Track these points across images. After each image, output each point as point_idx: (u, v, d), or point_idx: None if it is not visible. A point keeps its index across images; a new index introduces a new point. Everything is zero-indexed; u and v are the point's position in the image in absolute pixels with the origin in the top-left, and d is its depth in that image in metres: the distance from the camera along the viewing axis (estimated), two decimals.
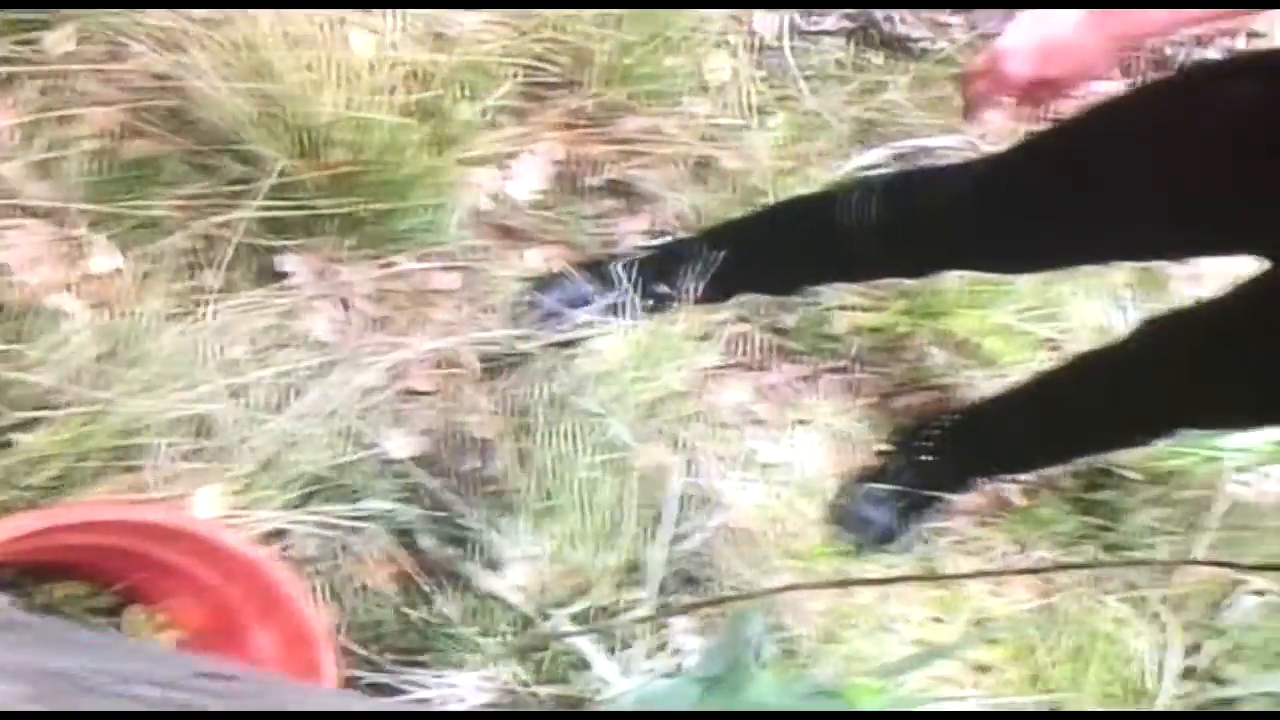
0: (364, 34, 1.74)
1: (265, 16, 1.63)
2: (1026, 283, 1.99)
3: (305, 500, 1.54)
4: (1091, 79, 1.27)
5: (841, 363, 1.90)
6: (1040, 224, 1.41)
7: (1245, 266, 1.38)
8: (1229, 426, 1.83)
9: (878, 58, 2.07)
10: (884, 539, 1.83)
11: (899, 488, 1.84)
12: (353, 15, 1.71)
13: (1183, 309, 1.58)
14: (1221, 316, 1.44)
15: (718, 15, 1.97)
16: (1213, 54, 2.17)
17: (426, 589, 1.56)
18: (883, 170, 1.94)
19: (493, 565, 1.60)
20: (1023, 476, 1.92)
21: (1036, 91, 1.27)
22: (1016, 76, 1.25)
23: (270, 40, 1.63)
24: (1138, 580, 1.91)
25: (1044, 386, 1.74)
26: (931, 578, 1.80)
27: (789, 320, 1.89)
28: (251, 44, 1.63)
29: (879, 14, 2.05)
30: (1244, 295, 1.40)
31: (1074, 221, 1.37)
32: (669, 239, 1.85)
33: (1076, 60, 1.23)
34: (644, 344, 1.76)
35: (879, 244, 1.60)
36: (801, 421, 1.87)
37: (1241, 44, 2.27)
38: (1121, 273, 2.06)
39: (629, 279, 1.76)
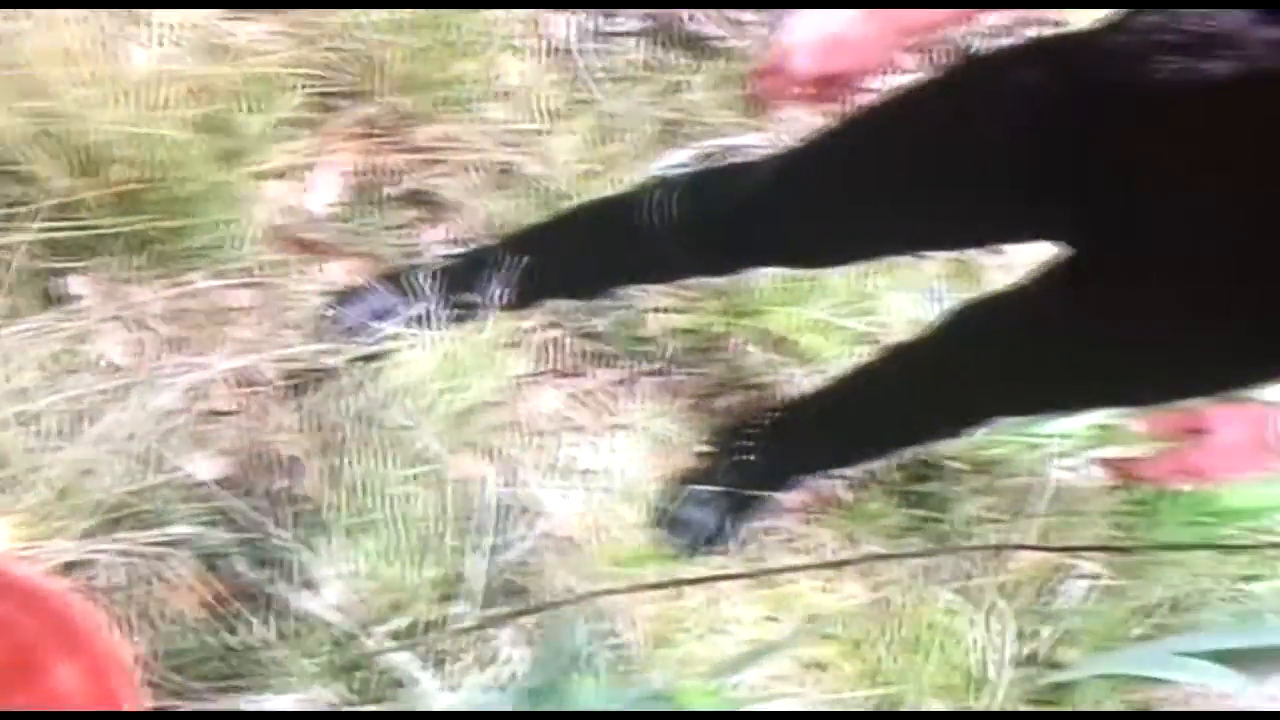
0: (142, 48, 1.95)
1: (37, 32, 1.83)
2: (840, 278, 2.28)
3: (109, 528, 1.72)
4: (878, 72, 1.43)
5: (657, 365, 2.16)
6: (838, 216, 1.61)
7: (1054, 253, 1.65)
8: (1042, 413, 2.09)
9: (676, 57, 2.37)
10: (710, 541, 2.09)
11: (723, 489, 2.09)
12: (131, 27, 1.92)
13: (986, 297, 1.79)
14: (1023, 303, 1.64)
15: (508, 18, 2.23)
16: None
17: (239, 612, 1.75)
18: (687, 169, 2.22)
19: (307, 585, 1.80)
20: (847, 471, 2.21)
21: (824, 88, 1.44)
22: (802, 73, 1.38)
23: (42, 57, 1.83)
24: (969, 570, 2.21)
25: (859, 381, 1.98)
26: (754, 574, 2.06)
27: (600, 324, 2.14)
28: (22, 61, 1.83)
29: (676, 13, 2.35)
30: (1043, 281, 1.60)
31: (871, 213, 1.57)
32: (472, 247, 2.09)
33: (861, 54, 1.38)
34: (451, 354, 1.99)
35: (681, 244, 1.80)
36: (620, 426, 2.12)
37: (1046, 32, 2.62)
38: (934, 264, 2.38)
39: (433, 289, 2.00)
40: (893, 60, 1.42)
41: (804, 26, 1.38)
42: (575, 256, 1.99)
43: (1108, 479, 2.27)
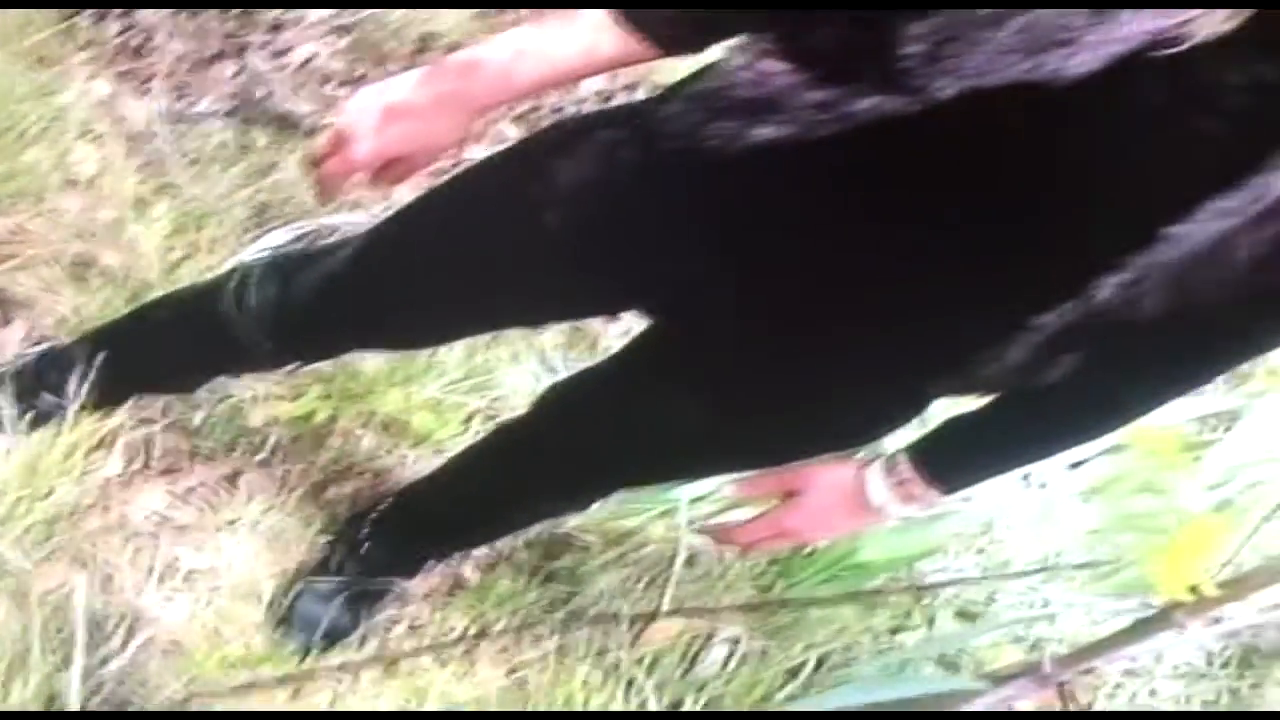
0: None
1: None
2: (453, 353, 2.43)
3: None
4: (448, 150, 1.48)
5: (263, 456, 2.25)
6: (419, 296, 1.66)
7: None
8: (657, 481, 2.20)
9: (264, 137, 2.49)
10: (333, 635, 2.16)
11: (344, 580, 2.18)
12: None
13: (582, 371, 1.92)
14: (613, 376, 1.78)
15: (79, 103, 2.31)
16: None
17: None
18: (273, 254, 2.32)
19: None
20: (474, 552, 2.33)
21: (390, 169, 1.46)
22: (362, 157, 1.42)
23: None
24: (606, 644, 2.35)
25: (473, 461, 2.08)
26: (355, 666, 2.14)
27: (198, 418, 2.22)
28: None
29: (261, 92, 2.47)
30: (632, 353, 1.75)
31: (453, 290, 1.63)
32: (49, 345, 2.14)
33: (426, 134, 1.42)
34: (30, 460, 2.03)
35: (265, 332, 1.82)
36: (228, 523, 2.19)
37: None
38: (550, 334, 2.56)
39: (7, 393, 2.04)
40: (465, 137, 1.47)
41: (360, 106, 1.41)
42: (159, 350, 2.03)
43: (712, 546, 2.43)
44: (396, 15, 2.62)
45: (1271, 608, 2.62)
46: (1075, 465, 2.76)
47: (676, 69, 1.46)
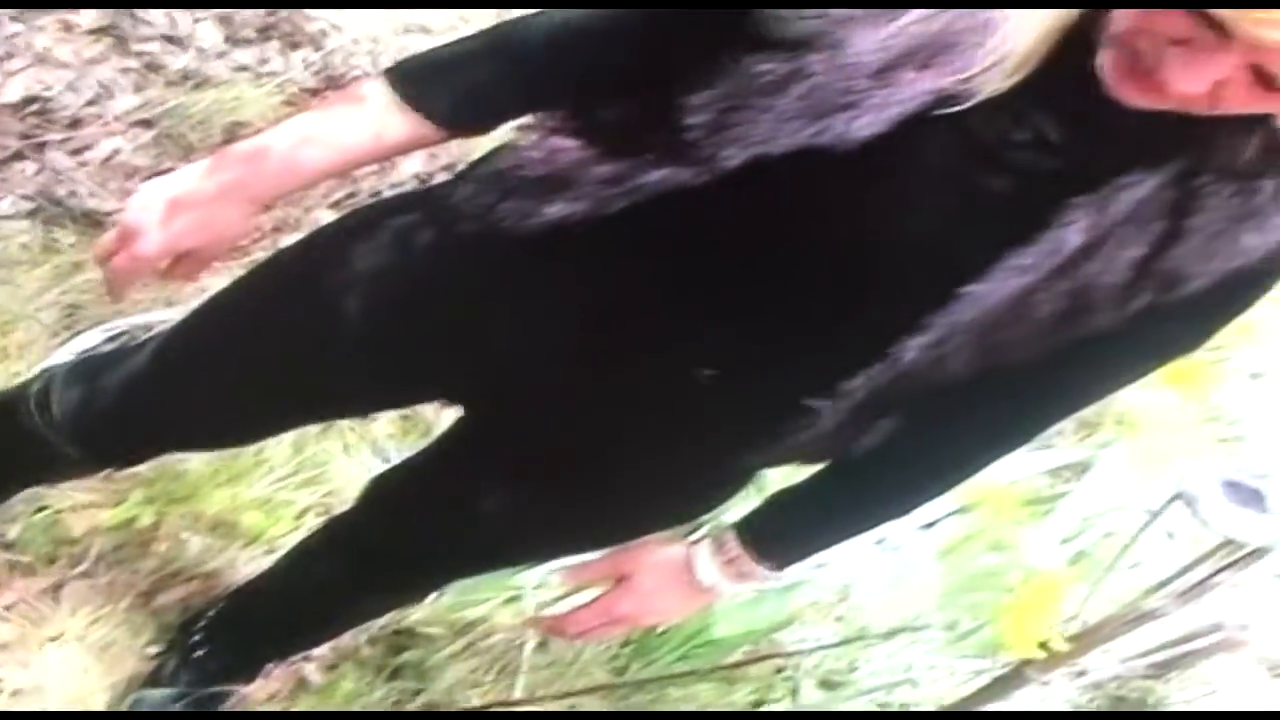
0: None
1: None
2: (281, 448, 2.48)
3: None
4: (237, 240, 1.50)
5: (86, 567, 2.26)
6: (226, 391, 1.67)
7: None
8: (481, 571, 2.21)
9: (70, 236, 2.53)
10: None
11: (179, 690, 2.20)
12: None
13: (404, 461, 1.95)
14: (432, 466, 1.81)
15: None
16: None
17: None
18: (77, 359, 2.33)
19: None
20: (316, 652, 2.36)
21: (180, 264, 1.48)
22: (151, 252, 1.44)
23: None
24: None
25: (303, 557, 2.11)
26: None
27: (13, 531, 2.23)
28: None
29: (63, 190, 2.51)
30: (446, 442, 1.80)
31: (258, 384, 1.65)
32: None
33: (213, 225, 1.44)
34: None
35: (69, 437, 1.83)
36: (53, 638, 2.20)
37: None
38: (383, 423, 2.61)
39: None
40: (252, 228, 1.53)
41: (143, 202, 1.43)
42: None
43: (541, 635, 2.48)
44: (200, 106, 2.68)
45: (1133, 658, 2.76)
46: (928, 526, 2.86)
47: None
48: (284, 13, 2.82)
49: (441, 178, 2.76)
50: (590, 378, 1.47)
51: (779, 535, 1.62)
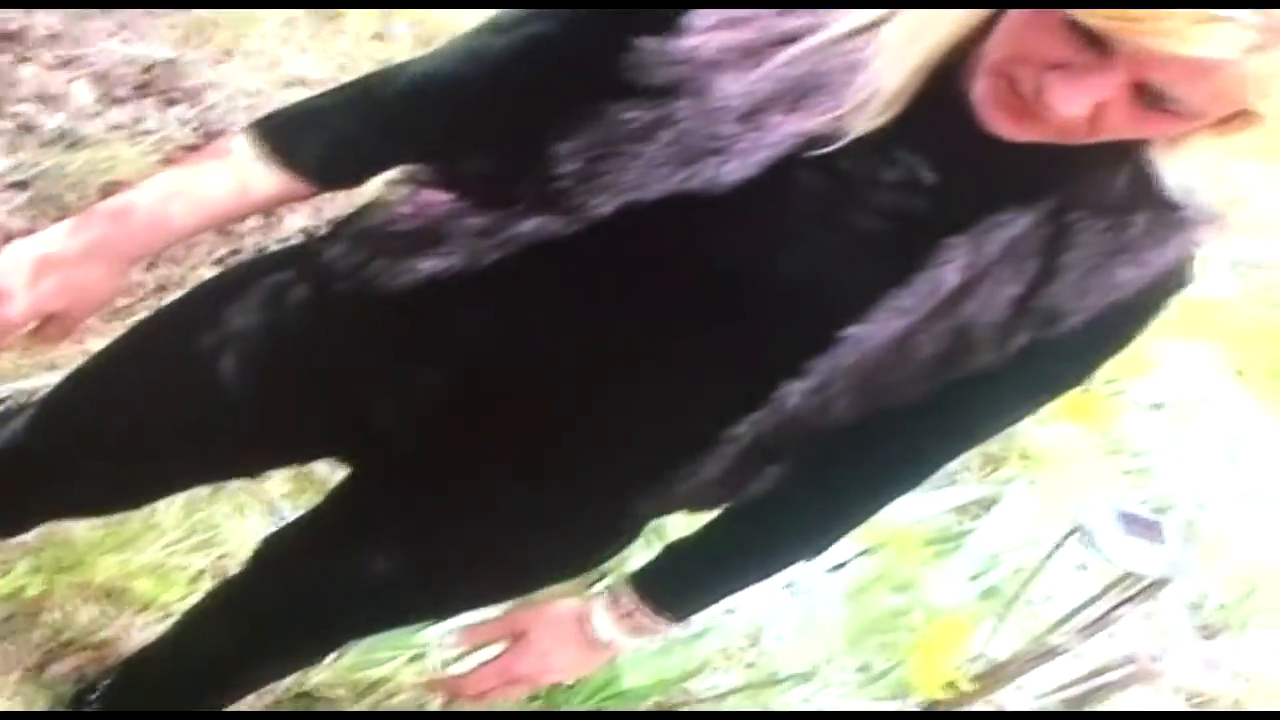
0: None
1: None
2: (169, 513, 2.44)
3: None
4: (107, 300, 1.48)
5: None
6: (104, 456, 1.64)
7: None
8: (375, 632, 2.10)
9: None
10: None
11: None
12: None
13: (293, 521, 1.90)
14: (319, 526, 1.78)
15: None
16: None
17: None
18: None
19: None
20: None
21: (49, 325, 1.45)
22: (18, 315, 1.41)
23: None
24: None
25: (196, 621, 2.06)
26: None
27: None
28: None
29: None
30: (332, 501, 1.77)
31: (136, 448, 1.61)
32: None
33: (80, 286, 1.43)
34: None
35: None
36: None
37: None
38: (275, 482, 2.58)
39: None
40: (123, 289, 1.51)
41: (9, 261, 1.41)
42: None
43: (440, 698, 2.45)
44: (76, 166, 2.65)
45: (1048, 693, 2.77)
46: (836, 568, 2.87)
47: None
48: (159, 69, 2.80)
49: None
50: (471, 432, 1.46)
51: (674, 586, 1.61)
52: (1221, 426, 4.24)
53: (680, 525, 1.64)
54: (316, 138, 1.43)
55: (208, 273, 2.64)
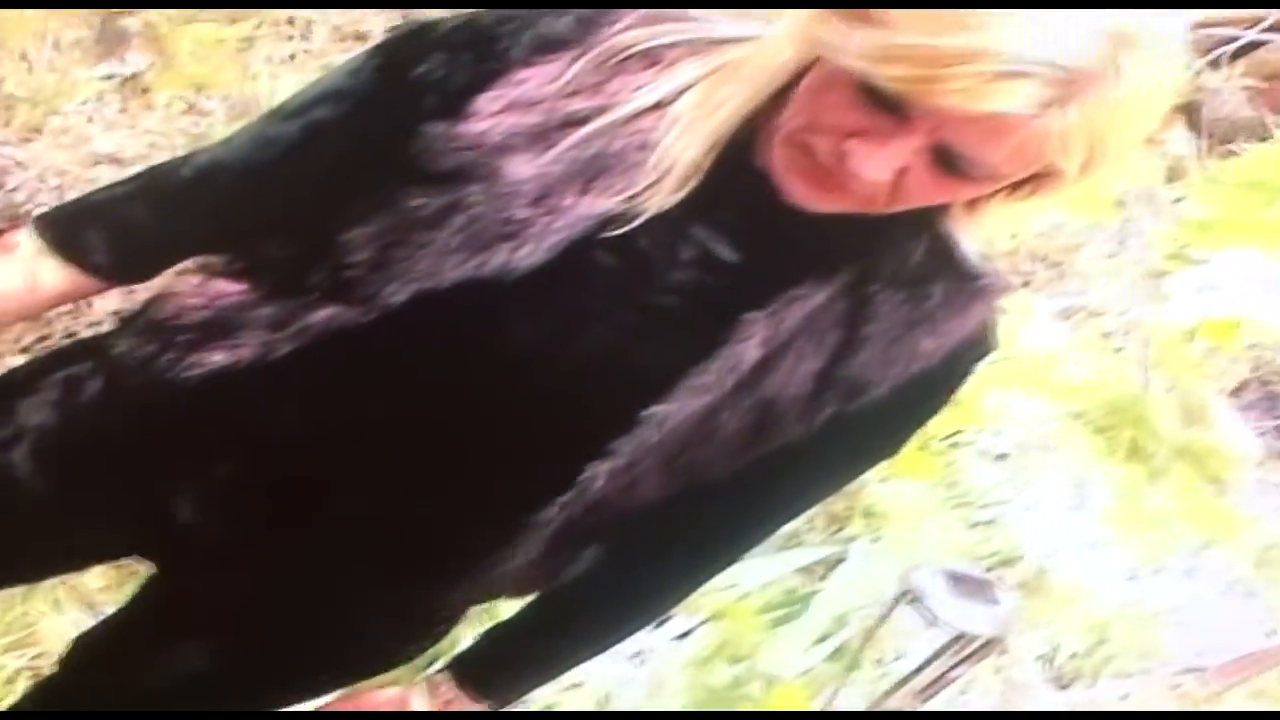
0: None
1: None
2: None
3: None
4: None
5: None
6: None
7: None
8: None
9: None
10: None
11: None
12: None
13: (103, 620, 1.82)
14: (126, 625, 1.73)
15: None
16: None
17: None
18: None
19: None
20: None
21: None
22: None
23: None
24: None
25: None
26: None
27: None
28: None
29: None
30: (138, 600, 1.72)
31: None
32: None
33: None
34: None
35: None
36: None
37: None
38: (92, 576, 2.52)
39: None
40: None
41: None
42: None
43: None
44: None
45: None
46: (681, 637, 2.88)
47: None
48: None
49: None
50: (272, 525, 1.43)
51: (494, 671, 1.59)
52: (1064, 475, 4.31)
53: (513, 604, 1.64)
54: (102, 232, 1.40)
55: (15, 360, 2.58)
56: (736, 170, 1.23)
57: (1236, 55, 3.17)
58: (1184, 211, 2.47)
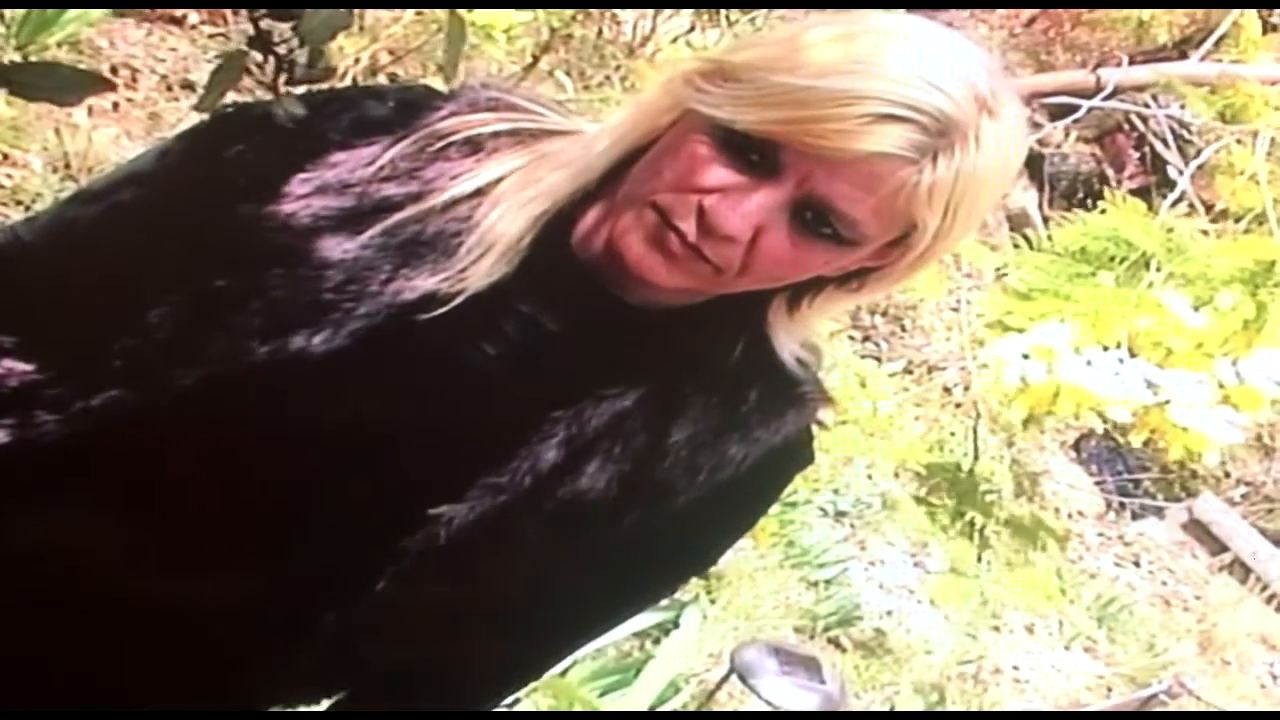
0: None
1: None
2: None
3: None
4: None
5: None
6: None
7: None
8: None
9: None
10: None
11: None
12: None
13: None
14: None
15: None
16: None
17: None
18: None
19: None
20: None
21: None
22: None
23: None
24: None
25: None
26: None
27: None
28: None
29: None
30: None
31: None
32: None
33: None
34: None
35: None
36: None
37: None
38: None
39: None
40: None
41: None
42: None
43: None
44: None
45: None
46: (510, 705, 2.88)
47: None
48: None
49: None
50: (60, 628, 1.41)
51: None
52: (901, 533, 4.38)
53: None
54: None
55: None
56: (558, 257, 1.21)
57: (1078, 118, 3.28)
58: (1007, 281, 2.52)
